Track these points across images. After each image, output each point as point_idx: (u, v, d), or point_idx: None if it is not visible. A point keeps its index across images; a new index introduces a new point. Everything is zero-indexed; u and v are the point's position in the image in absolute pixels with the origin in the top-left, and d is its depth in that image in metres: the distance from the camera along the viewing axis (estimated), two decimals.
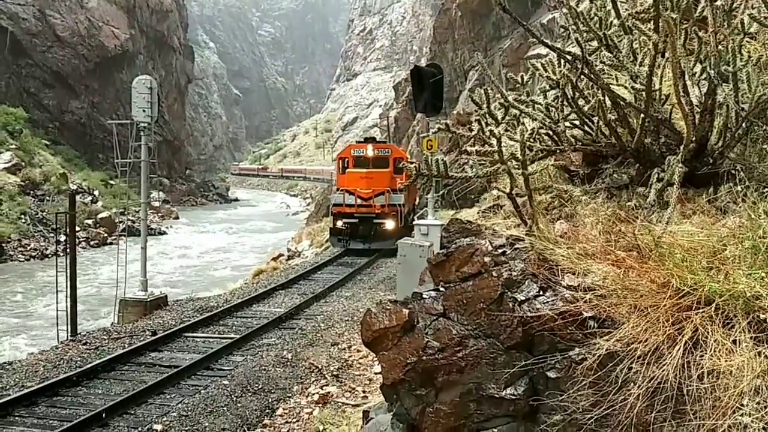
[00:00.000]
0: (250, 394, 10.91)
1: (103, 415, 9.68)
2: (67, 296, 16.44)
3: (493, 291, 3.50)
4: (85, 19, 62.52)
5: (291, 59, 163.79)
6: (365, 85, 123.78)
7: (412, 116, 56.09)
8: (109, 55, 63.89)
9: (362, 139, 31.56)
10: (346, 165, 27.27)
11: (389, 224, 24.99)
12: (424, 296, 3.80)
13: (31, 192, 43.77)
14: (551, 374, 3.26)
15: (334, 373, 12.06)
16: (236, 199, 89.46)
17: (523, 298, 3.43)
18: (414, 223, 16.44)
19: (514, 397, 3.32)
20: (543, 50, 38.19)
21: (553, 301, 3.35)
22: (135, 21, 69.03)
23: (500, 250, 3.73)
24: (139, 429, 9.32)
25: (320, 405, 10.65)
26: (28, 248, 37.63)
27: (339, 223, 25.52)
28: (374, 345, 3.86)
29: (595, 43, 4.35)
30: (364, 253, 24.63)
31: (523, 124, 3.90)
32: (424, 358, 3.55)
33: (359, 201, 25.08)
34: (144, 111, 17.63)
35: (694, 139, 3.85)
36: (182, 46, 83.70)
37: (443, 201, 23.50)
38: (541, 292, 3.43)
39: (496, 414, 3.37)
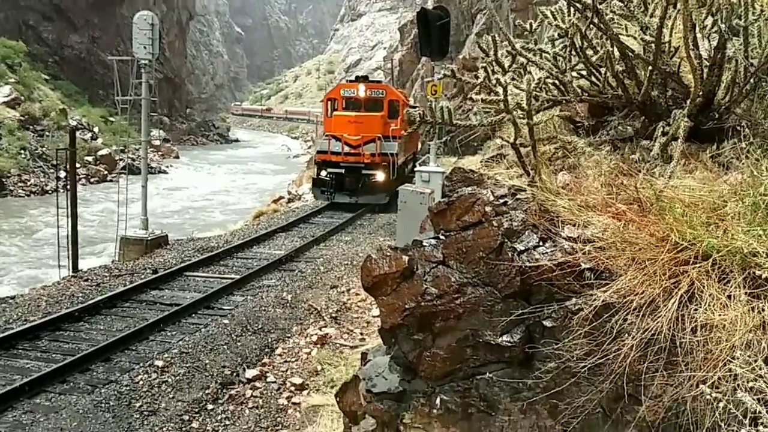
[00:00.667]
0: (249, 333, 11.12)
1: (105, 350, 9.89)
2: (68, 233, 16.54)
3: (493, 240, 3.53)
4: None
5: None
6: (370, 26, 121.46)
7: (417, 59, 55.25)
8: None
9: (353, 78, 27.67)
10: (334, 107, 24.77)
11: (379, 176, 22.79)
12: (424, 244, 3.84)
13: (31, 127, 43.50)
14: (547, 323, 3.32)
15: (333, 315, 12.27)
16: (237, 140, 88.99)
17: (523, 248, 3.46)
18: (416, 169, 16.21)
19: (510, 344, 3.39)
20: None
21: (552, 252, 3.39)
22: None
23: (502, 200, 3.75)
24: (141, 364, 9.52)
25: (318, 346, 10.87)
26: (28, 183, 37.67)
27: (323, 173, 23.50)
28: (374, 290, 3.91)
29: None
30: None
31: (530, 73, 3.86)
32: (422, 304, 3.61)
33: (347, 148, 22.83)
34: (145, 48, 17.38)
35: (701, 93, 3.82)
36: None
37: (446, 148, 22.83)
38: (540, 243, 3.47)
39: (492, 360, 3.45)
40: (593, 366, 3.06)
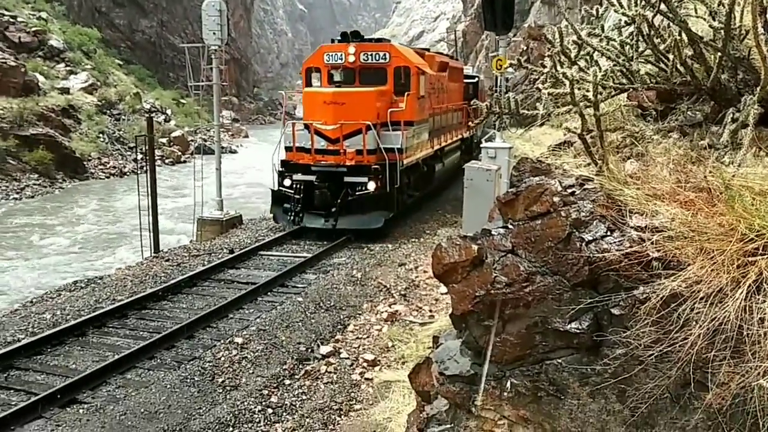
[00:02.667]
0: (322, 310, 11.52)
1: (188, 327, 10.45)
2: (149, 215, 17.36)
3: (561, 230, 3.63)
4: None
5: None
6: None
7: (480, 30, 54.40)
8: None
9: (339, 37, 17.76)
10: (311, 81, 17.68)
11: (370, 185, 15.56)
12: (493, 233, 3.97)
13: (107, 111, 45.30)
14: (615, 311, 3.42)
15: (402, 292, 12.53)
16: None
17: (591, 239, 3.55)
18: (481, 146, 15.98)
19: (578, 331, 3.51)
20: None
21: (620, 241, 3.47)
22: None
23: (569, 190, 3.84)
24: (221, 341, 10.04)
25: (389, 323, 11.15)
26: (108, 166, 39.35)
27: (286, 182, 16.24)
28: (444, 278, 4.08)
29: None
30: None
31: (596, 62, 3.89)
32: (492, 291, 3.75)
33: (320, 143, 15.82)
34: (214, 34, 17.89)
35: None
36: None
37: (510, 119, 22.13)
38: (608, 233, 3.55)
39: (561, 346, 3.58)
40: (661, 354, 3.16)
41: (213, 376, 9.03)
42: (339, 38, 17.61)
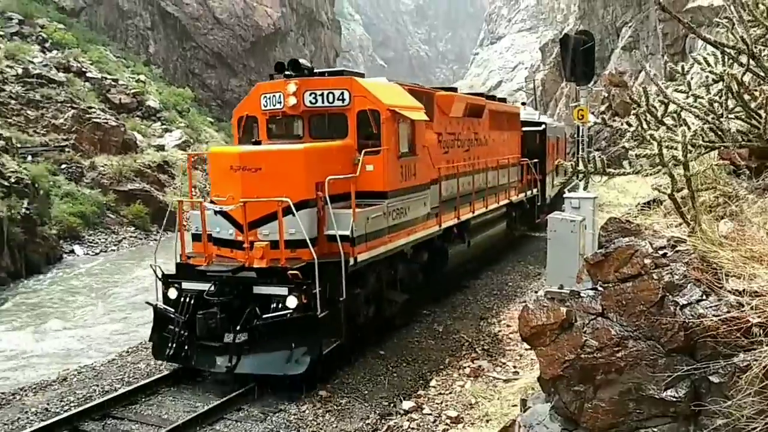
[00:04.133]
0: (404, 364, 11.48)
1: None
2: None
3: (654, 294, 3.56)
4: (241, 0, 66.12)
5: (434, 26, 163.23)
6: (510, 48, 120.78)
7: (560, 78, 54.18)
8: (263, 34, 67.25)
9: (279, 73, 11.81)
10: (250, 133, 12.28)
11: (290, 301, 9.54)
12: (582, 295, 3.93)
13: (199, 167, 47.50)
14: (714, 379, 3.30)
15: (484, 347, 12.35)
16: None
17: (685, 303, 3.47)
18: (564, 196, 15.48)
19: (675, 399, 3.40)
20: (704, 1, 34.58)
21: (716, 306, 3.37)
22: None
23: (661, 252, 3.77)
24: (306, 394, 10.12)
25: (472, 378, 10.99)
26: None
27: (171, 293, 10.46)
28: (532, 340, 4.05)
29: (758, 30, 4.15)
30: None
31: (684, 120, 3.84)
32: (582, 356, 3.70)
33: (228, 231, 10.53)
34: None
35: None
36: (330, 21, 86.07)
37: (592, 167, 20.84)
38: (704, 297, 3.46)
39: (656, 414, 3.47)
40: (766, 426, 3.01)
41: (298, 429, 9.12)
42: (279, 74, 11.62)
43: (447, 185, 14.45)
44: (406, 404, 10.03)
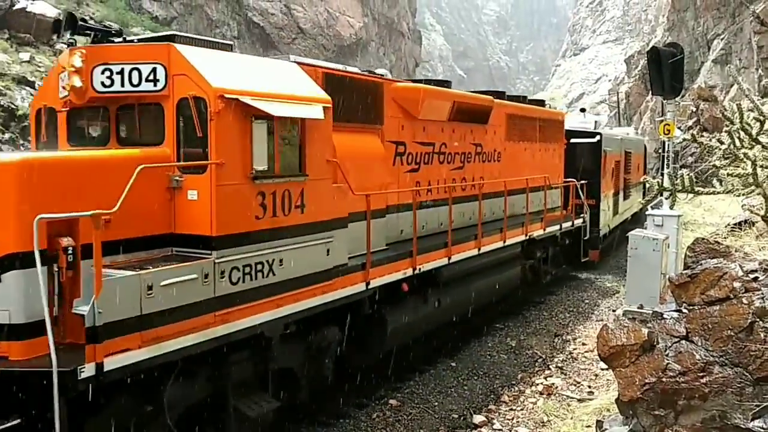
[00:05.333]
0: (475, 377, 11.38)
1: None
2: None
3: (743, 319, 3.42)
4: (324, 10, 67.52)
5: (515, 36, 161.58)
6: (593, 60, 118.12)
7: (645, 91, 52.49)
8: (345, 43, 68.43)
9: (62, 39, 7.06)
10: (55, 133, 7.57)
11: None
12: (665, 316, 3.81)
13: None
14: None
15: (558, 364, 12.09)
16: None
17: None
18: (647, 213, 14.81)
19: (762, 430, 3.24)
20: None
21: None
22: (368, 9, 72.91)
23: (752, 276, 3.61)
24: (377, 402, 10.18)
25: (544, 396, 10.78)
26: None
27: None
28: (610, 360, 3.96)
29: None
30: None
31: None
32: (663, 379, 3.59)
33: None
34: None
35: None
36: (410, 31, 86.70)
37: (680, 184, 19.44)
38: None
39: None
40: None
41: None
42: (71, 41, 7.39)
43: (402, 218, 10.51)
44: (477, 418, 9.93)
